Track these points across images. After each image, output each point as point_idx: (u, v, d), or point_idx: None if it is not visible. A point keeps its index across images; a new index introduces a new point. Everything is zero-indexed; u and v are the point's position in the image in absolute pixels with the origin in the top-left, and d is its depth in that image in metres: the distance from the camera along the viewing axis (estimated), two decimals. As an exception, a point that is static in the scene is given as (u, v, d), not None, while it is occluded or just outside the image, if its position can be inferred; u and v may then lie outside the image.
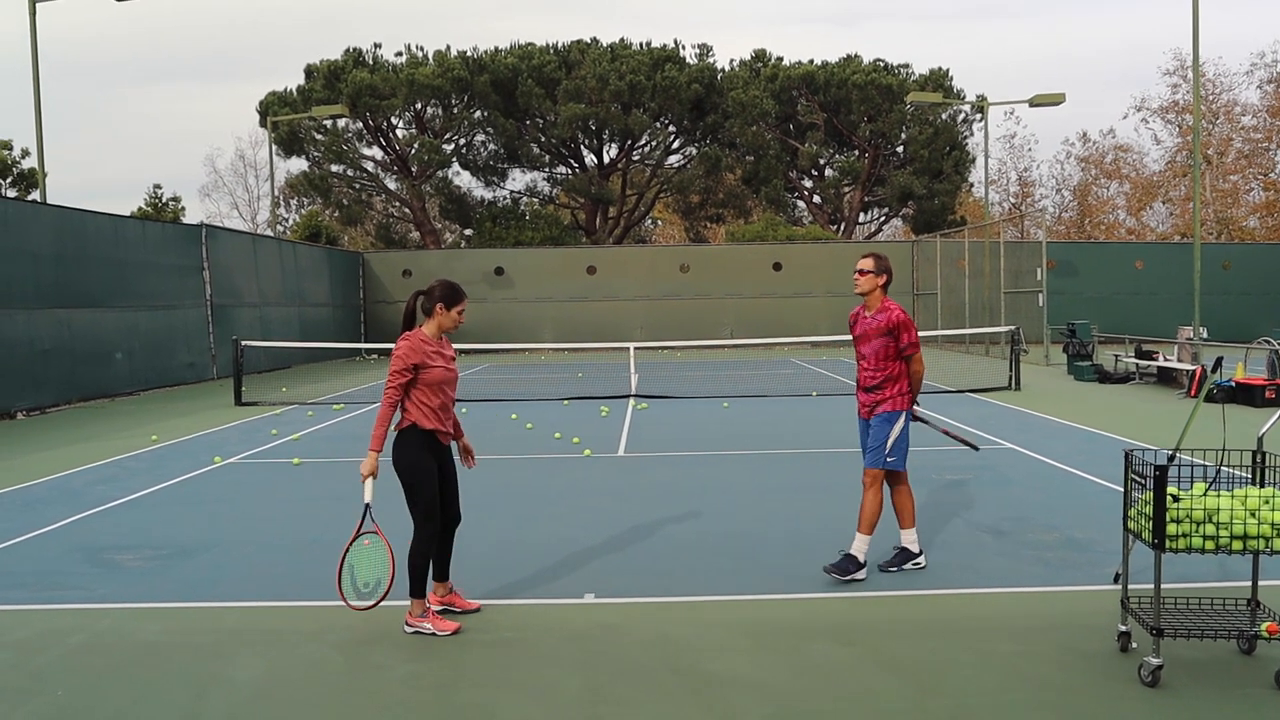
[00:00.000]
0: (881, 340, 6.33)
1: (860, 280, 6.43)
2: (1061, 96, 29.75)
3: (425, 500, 5.44)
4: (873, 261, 6.41)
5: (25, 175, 36.18)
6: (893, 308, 6.37)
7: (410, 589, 5.44)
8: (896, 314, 6.33)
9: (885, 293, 6.44)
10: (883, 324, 6.33)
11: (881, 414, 6.34)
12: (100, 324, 19.24)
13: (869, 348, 6.40)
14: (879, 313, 6.38)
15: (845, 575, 6.20)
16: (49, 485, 10.20)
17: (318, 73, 41.58)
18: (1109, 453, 10.88)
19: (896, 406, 6.34)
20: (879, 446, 6.32)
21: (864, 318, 6.48)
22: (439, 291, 5.50)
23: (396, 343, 5.45)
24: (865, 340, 6.43)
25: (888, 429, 6.31)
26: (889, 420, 6.32)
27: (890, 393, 6.34)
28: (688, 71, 42.12)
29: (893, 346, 6.31)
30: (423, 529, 5.45)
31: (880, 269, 6.40)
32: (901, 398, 6.35)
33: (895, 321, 6.29)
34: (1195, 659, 4.86)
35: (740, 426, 13.67)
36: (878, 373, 6.36)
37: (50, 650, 5.34)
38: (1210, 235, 47.18)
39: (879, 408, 6.36)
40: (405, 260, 36.64)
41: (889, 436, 6.31)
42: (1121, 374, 19.57)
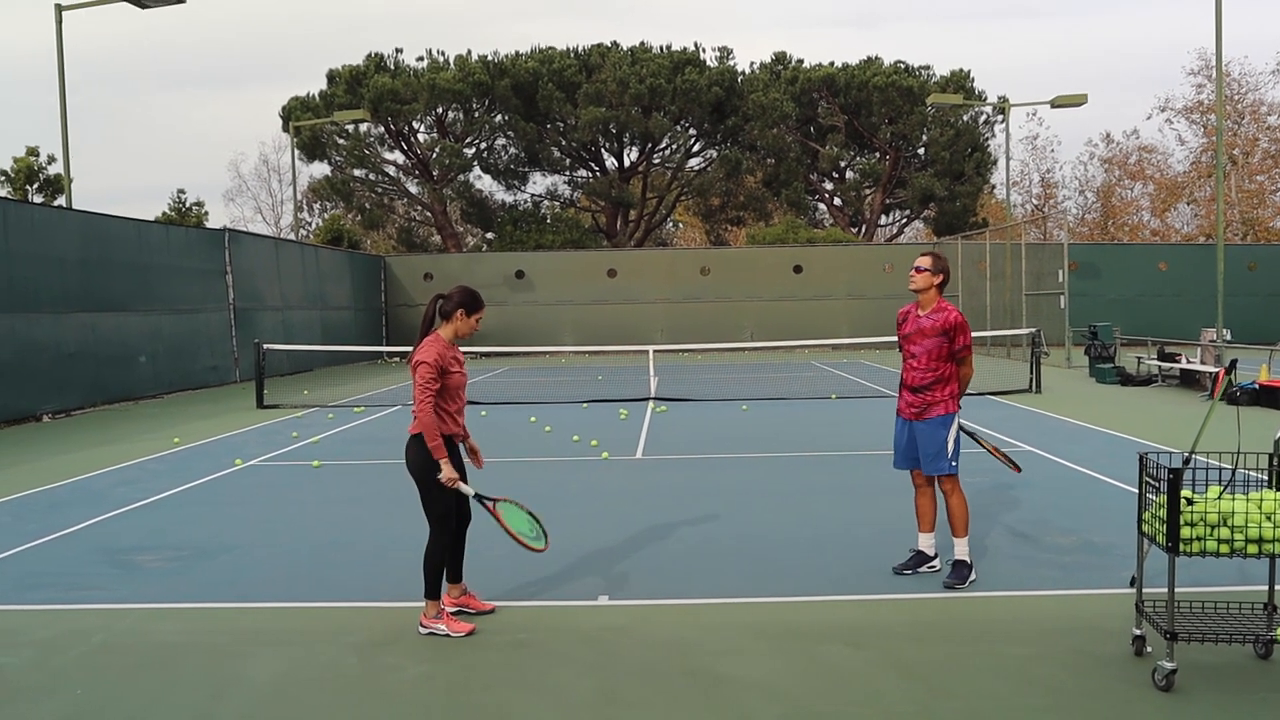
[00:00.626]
0: (936, 340, 6.22)
1: (916, 278, 6.33)
2: (1084, 97, 29.58)
3: (443, 502, 5.49)
4: (931, 260, 6.33)
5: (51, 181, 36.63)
6: (949, 309, 6.27)
7: (425, 590, 5.48)
8: (954, 315, 6.24)
9: (941, 293, 6.34)
10: (939, 324, 6.22)
11: (935, 418, 6.23)
12: (124, 328, 19.44)
13: (920, 347, 6.27)
14: (935, 312, 6.27)
15: (965, 581, 6.16)
16: (73, 487, 10.32)
17: (340, 78, 41.87)
18: (1130, 456, 10.77)
19: (949, 410, 6.24)
20: (939, 452, 6.20)
21: (916, 316, 6.36)
22: (461, 297, 5.54)
23: (417, 350, 5.43)
24: (916, 339, 6.30)
25: (944, 433, 6.21)
26: (944, 424, 6.22)
27: (941, 395, 6.24)
28: (708, 74, 42.13)
29: (946, 347, 6.21)
30: (439, 531, 5.49)
31: (938, 268, 6.31)
32: (953, 400, 6.25)
33: (953, 323, 6.20)
34: (1210, 663, 4.82)
35: (759, 429, 13.66)
36: (928, 373, 6.24)
37: (71, 650, 5.41)
38: (1235, 236, 46.73)
39: (930, 411, 6.24)
40: (426, 264, 36.83)
41: (947, 440, 6.21)
42: (1143, 376, 19.42)
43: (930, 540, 6.45)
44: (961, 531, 6.27)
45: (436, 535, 5.49)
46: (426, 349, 5.40)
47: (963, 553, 6.28)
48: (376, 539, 7.78)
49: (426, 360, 5.33)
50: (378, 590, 6.35)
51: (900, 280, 34.77)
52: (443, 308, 5.55)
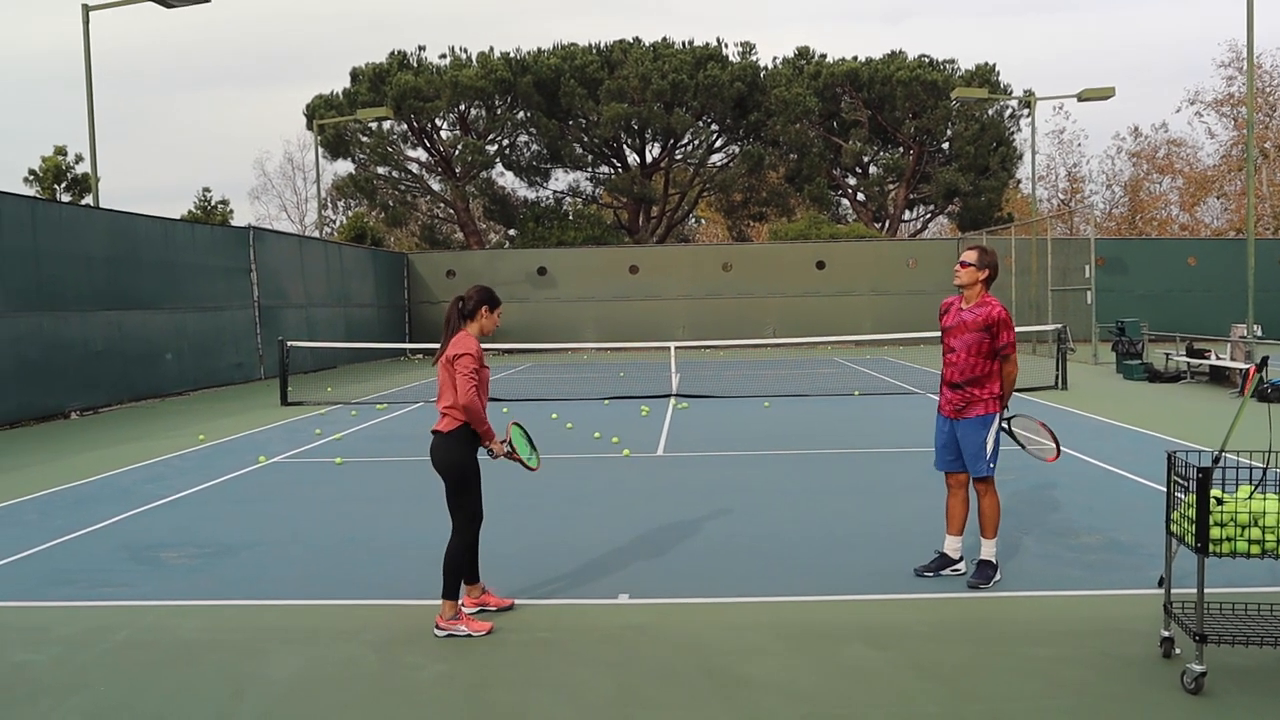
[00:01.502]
0: (976, 335, 6.05)
1: (961, 272, 6.19)
2: (1111, 90, 29.27)
3: (474, 501, 5.54)
4: (977, 255, 6.18)
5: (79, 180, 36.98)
6: (993, 303, 6.10)
7: (444, 589, 5.47)
8: (998, 310, 6.06)
9: (988, 289, 6.18)
10: (981, 319, 6.04)
11: (975, 418, 6.08)
12: (151, 325, 19.60)
13: (960, 341, 6.11)
14: (978, 306, 6.10)
15: (989, 582, 6.08)
16: (99, 484, 10.41)
17: (363, 76, 42.02)
18: (1157, 454, 10.61)
19: (989, 410, 6.08)
20: (978, 453, 6.07)
21: (958, 309, 6.21)
22: (481, 295, 5.60)
23: (452, 345, 5.47)
24: (957, 333, 6.15)
25: (983, 434, 6.07)
26: (984, 424, 6.07)
27: (981, 394, 6.08)
28: (730, 70, 41.98)
29: (987, 344, 6.04)
30: (467, 529, 5.51)
31: (984, 263, 6.15)
32: (993, 400, 6.09)
33: (995, 318, 6.02)
34: (1240, 666, 4.74)
35: (781, 426, 13.60)
36: (968, 369, 6.08)
37: (95, 646, 5.44)
38: (1267, 231, 46.12)
39: (969, 409, 6.09)
40: (449, 261, 36.93)
41: (986, 441, 6.07)
42: (1172, 373, 19.19)
43: (957, 544, 6.34)
44: (991, 533, 6.18)
45: (462, 534, 5.50)
46: (464, 342, 5.46)
47: (989, 553, 6.19)
48: (397, 536, 7.79)
49: (469, 351, 5.41)
50: (398, 588, 6.36)
51: (924, 276, 34.62)
52: (464, 308, 5.58)
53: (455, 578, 5.48)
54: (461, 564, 5.50)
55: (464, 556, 5.51)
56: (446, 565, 5.47)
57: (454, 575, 5.48)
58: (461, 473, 5.47)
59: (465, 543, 5.50)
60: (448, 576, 5.47)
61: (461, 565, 5.51)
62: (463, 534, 5.50)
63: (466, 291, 5.64)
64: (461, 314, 5.58)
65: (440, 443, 5.50)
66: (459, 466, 5.46)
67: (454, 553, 5.48)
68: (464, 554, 5.51)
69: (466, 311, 5.57)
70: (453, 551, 5.49)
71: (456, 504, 5.52)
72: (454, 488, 5.50)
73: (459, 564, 5.49)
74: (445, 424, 5.48)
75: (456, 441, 5.46)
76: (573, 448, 12.07)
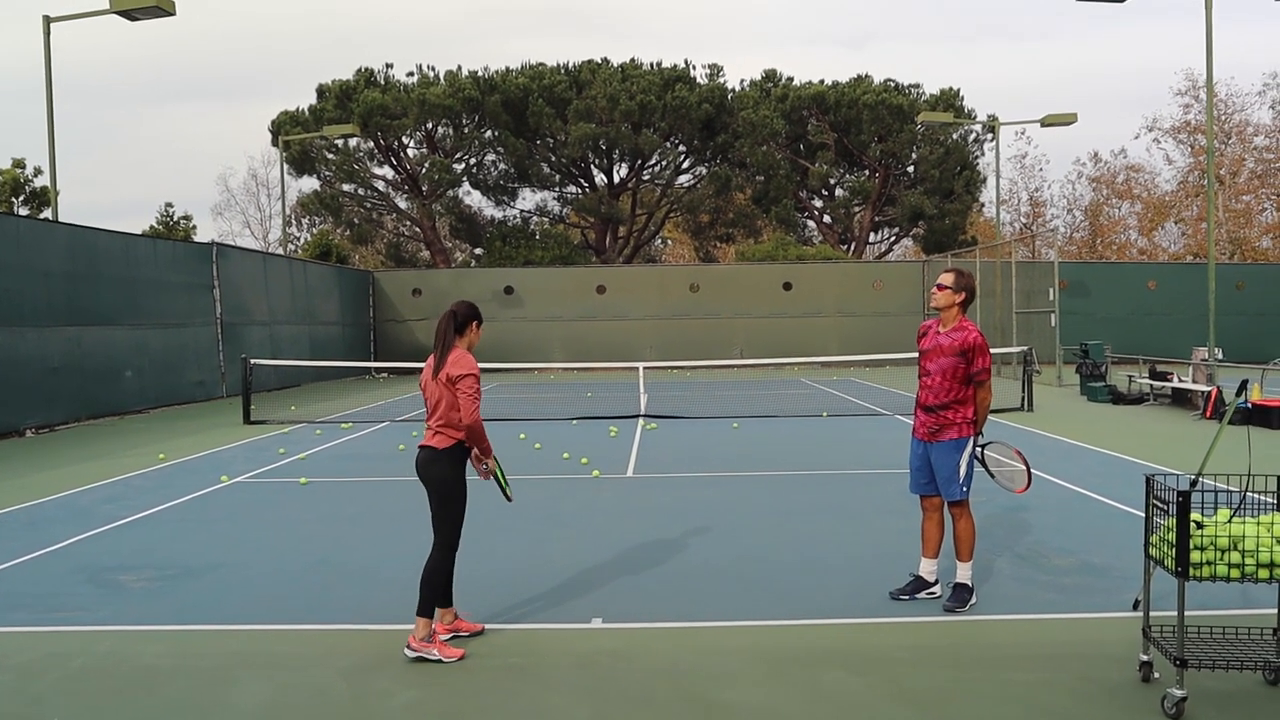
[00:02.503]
0: (951, 360, 6.04)
1: (938, 295, 6.16)
2: (1073, 116, 29.70)
3: (459, 518, 5.48)
4: (953, 278, 6.15)
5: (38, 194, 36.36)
6: (970, 328, 6.09)
7: (420, 606, 5.37)
8: (974, 336, 6.04)
9: (964, 311, 6.18)
10: (957, 343, 6.03)
11: (948, 441, 6.07)
12: (110, 342, 19.25)
13: (935, 365, 6.10)
14: (955, 330, 6.09)
15: (964, 605, 6.04)
16: (56, 504, 10.15)
17: (329, 92, 41.79)
18: (1124, 475, 10.74)
19: (963, 433, 6.07)
20: (951, 477, 6.05)
21: (936, 332, 6.19)
22: (469, 310, 5.59)
23: (451, 364, 5.38)
24: (933, 356, 6.13)
25: (956, 457, 6.05)
26: (958, 448, 6.06)
27: (955, 417, 6.06)
28: (698, 91, 42.21)
29: (963, 369, 6.03)
30: (450, 547, 5.45)
31: (960, 286, 6.12)
32: (967, 424, 6.08)
33: (971, 343, 6.01)
34: (1219, 690, 4.73)
35: (751, 447, 13.56)
36: (942, 393, 6.06)
37: (50, 674, 5.26)
38: (1223, 255, 46.98)
39: (943, 433, 6.08)
40: (415, 279, 36.69)
41: (959, 465, 6.05)
42: (1135, 395, 19.40)
43: (932, 566, 6.29)
44: (966, 556, 6.13)
45: (445, 551, 5.42)
46: (465, 361, 5.40)
47: (965, 577, 6.14)
48: (365, 558, 7.64)
49: (473, 372, 5.37)
50: (367, 612, 6.22)
51: (890, 298, 34.87)
52: (459, 325, 5.54)
53: (433, 594, 5.38)
54: (440, 582, 5.42)
55: (444, 574, 5.43)
56: (425, 580, 5.37)
57: (431, 591, 5.37)
58: (451, 488, 5.41)
59: (448, 560, 5.42)
60: (425, 592, 5.37)
61: (440, 583, 5.42)
62: (444, 551, 5.41)
63: (455, 305, 5.59)
64: (455, 328, 5.52)
65: (434, 457, 5.42)
66: (450, 482, 5.40)
67: (434, 568, 5.39)
68: (445, 571, 5.42)
69: (458, 326, 5.53)
70: (433, 566, 5.39)
71: (442, 518, 5.42)
72: (442, 501, 5.42)
73: (438, 581, 5.40)
74: (440, 440, 5.41)
75: (449, 458, 5.41)
76: (542, 468, 11.96)
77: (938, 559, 6.29)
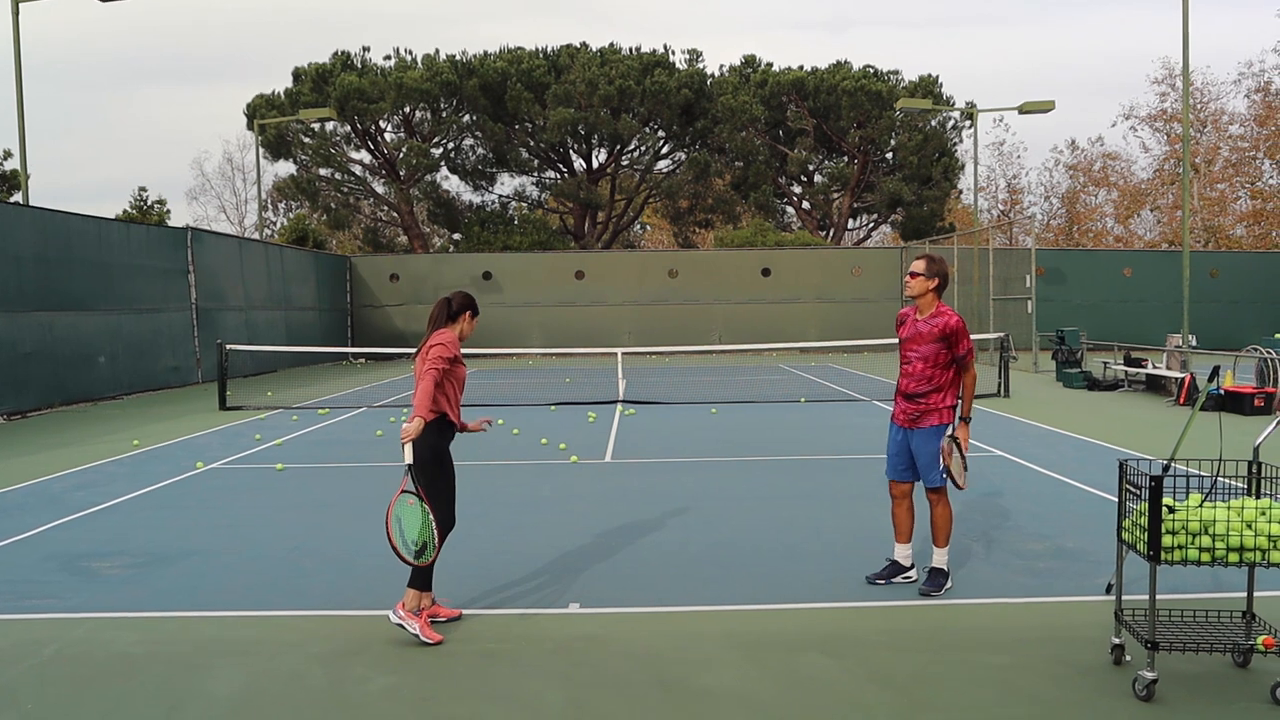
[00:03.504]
0: (933, 346, 6.03)
1: (911, 283, 6.14)
2: (1051, 104, 29.80)
3: (445, 495, 5.49)
4: (925, 264, 6.12)
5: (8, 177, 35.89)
6: (948, 313, 6.07)
7: (412, 578, 5.38)
8: (953, 320, 6.03)
9: (939, 297, 6.16)
10: (938, 329, 6.02)
11: (929, 427, 6.05)
12: (83, 327, 19.05)
13: (916, 352, 6.08)
14: (934, 316, 6.07)
15: (940, 590, 6.07)
16: (28, 490, 10.05)
17: (305, 76, 41.43)
18: (1098, 460, 10.83)
19: (944, 420, 6.05)
20: (932, 463, 6.03)
21: (915, 320, 6.17)
22: (466, 300, 5.77)
23: (431, 338, 5.54)
24: (914, 344, 6.11)
25: (937, 443, 6.03)
26: (939, 434, 6.04)
27: (936, 404, 6.05)
28: (677, 77, 42.11)
29: (945, 354, 6.03)
30: (444, 516, 5.46)
31: (933, 272, 6.10)
32: (948, 410, 6.06)
33: (953, 327, 6.00)
34: (1190, 672, 4.78)
35: (729, 433, 13.58)
36: (924, 380, 6.05)
37: (22, 662, 5.21)
38: (1198, 243, 47.35)
39: (924, 419, 6.06)
40: (393, 264, 36.49)
41: (940, 451, 6.04)
42: (1110, 381, 19.56)
43: (907, 551, 6.31)
44: (943, 541, 6.14)
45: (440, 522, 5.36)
46: (442, 334, 5.56)
47: (941, 561, 6.17)
48: (342, 544, 7.60)
49: (443, 342, 5.48)
50: (343, 598, 6.19)
51: (868, 284, 34.98)
52: (453, 312, 5.70)
53: (429, 568, 5.37)
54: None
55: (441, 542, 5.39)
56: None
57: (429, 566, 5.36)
58: (427, 463, 5.40)
59: (443, 532, 5.40)
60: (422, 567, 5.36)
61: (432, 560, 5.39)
62: (442, 522, 5.38)
63: (453, 294, 5.77)
64: (449, 314, 5.69)
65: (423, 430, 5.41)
66: (426, 457, 5.39)
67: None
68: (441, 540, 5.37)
69: (452, 313, 5.69)
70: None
71: (430, 496, 5.37)
72: (426, 478, 5.38)
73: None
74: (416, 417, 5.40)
75: (434, 430, 5.43)
76: (519, 454, 11.94)
77: (911, 543, 6.32)
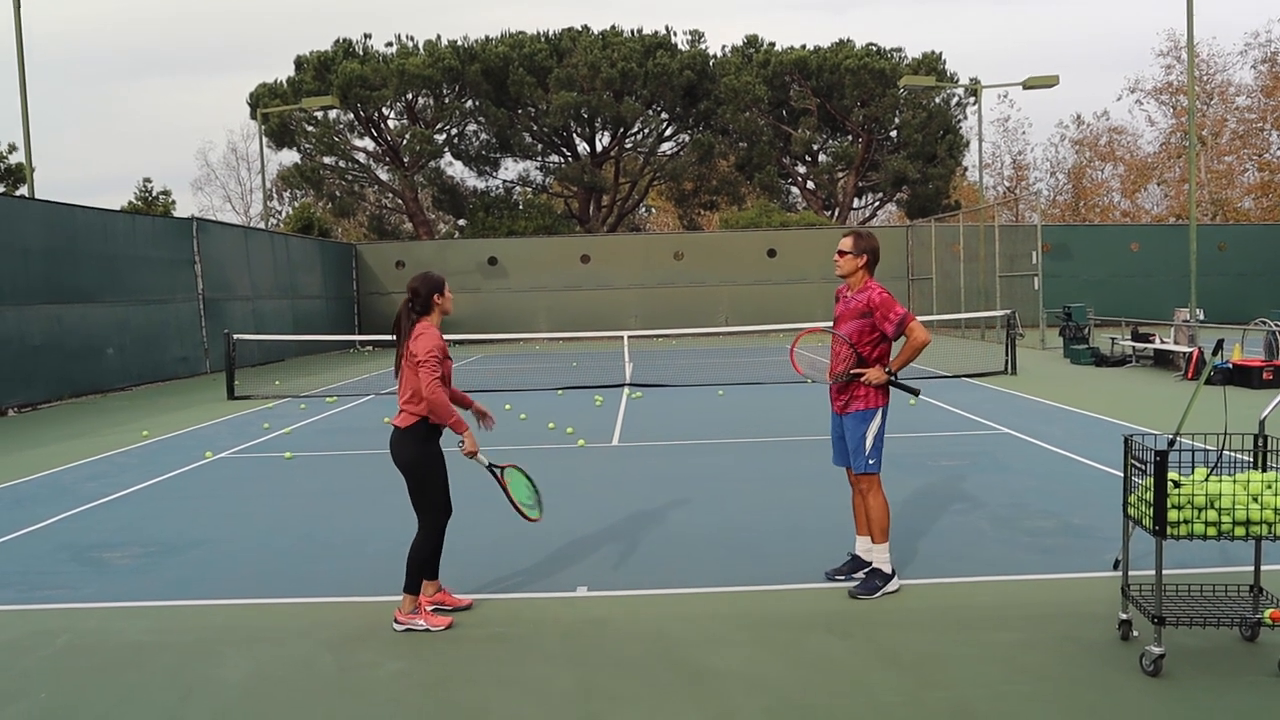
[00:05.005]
0: (857, 323, 5.67)
1: (840, 262, 5.79)
2: (1055, 79, 29.61)
3: (439, 491, 5.42)
4: (852, 241, 5.77)
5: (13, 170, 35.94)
6: (872, 287, 5.71)
7: (406, 583, 5.37)
8: (875, 293, 5.66)
9: (871, 274, 5.81)
10: (861, 304, 5.67)
11: (856, 412, 5.72)
12: (91, 319, 19.11)
13: (844, 329, 5.76)
14: (859, 292, 5.75)
15: (875, 593, 5.66)
16: (39, 482, 10.11)
17: (308, 64, 41.32)
18: (1106, 436, 10.81)
19: (869, 404, 5.70)
20: (858, 448, 5.72)
21: (845, 297, 5.87)
22: (429, 285, 5.38)
23: (415, 341, 5.27)
24: (841, 321, 5.81)
25: (863, 428, 5.70)
26: (864, 419, 5.70)
27: (860, 389, 5.71)
28: (680, 58, 41.92)
29: (868, 329, 5.64)
30: (434, 522, 5.41)
31: (861, 249, 5.75)
32: (874, 395, 5.69)
33: (874, 303, 5.63)
34: (1197, 647, 4.78)
35: (736, 414, 13.59)
36: (844, 362, 5.74)
37: (36, 651, 5.26)
38: (1205, 217, 47.09)
39: (851, 405, 5.74)
40: (398, 251, 36.48)
41: (865, 436, 5.70)
42: (1118, 357, 19.51)
43: (868, 544, 5.90)
44: (879, 537, 5.75)
45: (428, 529, 5.39)
46: (427, 334, 5.27)
47: (880, 560, 5.76)
48: (351, 532, 7.64)
49: (433, 344, 5.23)
50: (352, 585, 6.23)
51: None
52: (415, 306, 5.37)
53: (418, 573, 5.37)
54: (425, 560, 5.40)
55: (428, 552, 5.41)
56: (411, 560, 5.36)
57: (417, 570, 5.37)
58: (421, 469, 5.34)
59: (431, 539, 5.39)
60: (411, 571, 5.36)
61: (425, 561, 5.40)
62: (428, 530, 5.39)
63: (410, 286, 5.40)
64: (414, 312, 5.38)
65: (398, 438, 5.37)
66: (418, 463, 5.33)
67: (418, 548, 5.37)
68: (429, 550, 5.40)
69: (419, 308, 5.37)
70: (417, 547, 5.37)
71: (420, 501, 5.39)
72: (415, 485, 5.37)
73: (423, 560, 5.38)
74: (403, 419, 5.35)
75: (413, 437, 5.32)
76: (527, 439, 11.96)
77: (887, 543, 5.86)
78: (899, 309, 5.65)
